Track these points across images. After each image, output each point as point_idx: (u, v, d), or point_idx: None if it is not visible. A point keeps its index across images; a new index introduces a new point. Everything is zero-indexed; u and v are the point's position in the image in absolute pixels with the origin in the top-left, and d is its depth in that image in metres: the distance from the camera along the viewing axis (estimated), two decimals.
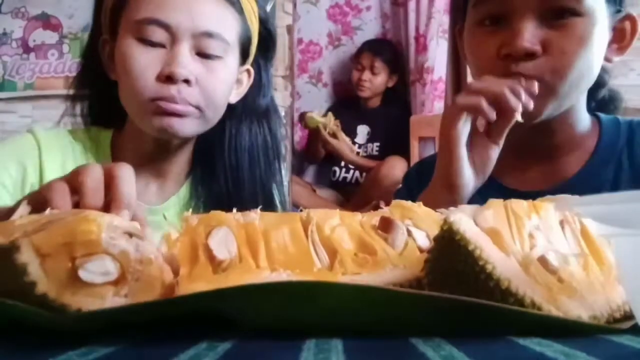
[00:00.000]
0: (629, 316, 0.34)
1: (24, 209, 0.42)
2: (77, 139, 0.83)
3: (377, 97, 2.68)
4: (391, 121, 2.60)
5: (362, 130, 2.69)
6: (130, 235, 0.35)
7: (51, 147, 0.80)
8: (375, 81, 2.62)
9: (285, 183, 0.95)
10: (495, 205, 0.38)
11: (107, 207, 0.46)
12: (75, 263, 0.32)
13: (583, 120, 0.78)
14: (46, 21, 2.85)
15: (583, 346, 0.28)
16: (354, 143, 2.66)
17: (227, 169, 0.84)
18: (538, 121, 0.70)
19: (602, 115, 0.81)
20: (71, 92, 0.86)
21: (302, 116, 2.63)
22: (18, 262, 0.31)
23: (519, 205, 0.38)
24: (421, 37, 2.64)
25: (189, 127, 0.76)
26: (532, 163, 0.79)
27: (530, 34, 0.66)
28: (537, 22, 0.67)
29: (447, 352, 0.27)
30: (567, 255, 0.36)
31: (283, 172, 0.93)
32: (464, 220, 0.35)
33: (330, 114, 2.61)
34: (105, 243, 0.33)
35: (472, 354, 0.27)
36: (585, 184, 0.74)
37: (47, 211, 0.38)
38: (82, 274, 0.32)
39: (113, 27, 0.79)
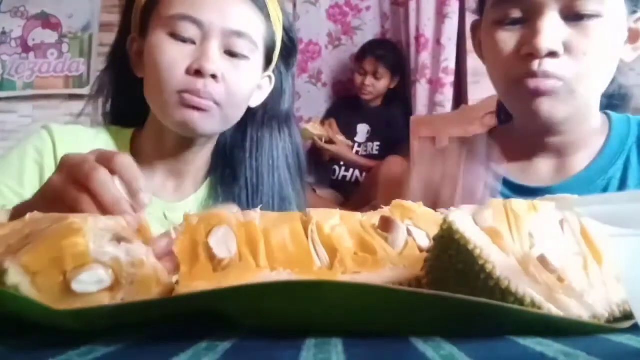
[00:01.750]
0: (629, 316, 0.34)
1: (1, 215, 0.41)
2: (97, 136, 0.84)
3: (378, 98, 2.69)
4: (392, 121, 2.60)
5: (362, 130, 2.69)
6: (119, 240, 0.34)
7: (66, 142, 0.80)
8: (378, 85, 2.63)
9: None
10: (495, 205, 0.38)
11: None
12: (66, 276, 0.31)
13: (595, 118, 0.78)
14: (45, 20, 2.85)
15: (583, 346, 0.28)
16: (354, 142, 2.66)
17: (247, 172, 0.85)
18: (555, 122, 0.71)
19: (612, 113, 0.81)
20: (93, 91, 0.87)
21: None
22: (8, 285, 0.30)
23: (519, 204, 0.38)
24: (421, 37, 2.63)
25: (209, 123, 0.77)
26: (541, 159, 0.79)
27: (552, 34, 0.67)
28: (559, 23, 0.67)
29: (447, 352, 0.27)
30: (567, 255, 0.36)
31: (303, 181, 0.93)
32: (464, 219, 0.35)
33: (318, 124, 2.60)
34: (95, 253, 0.32)
35: (472, 353, 0.27)
36: (593, 180, 0.75)
37: (27, 216, 0.37)
38: (75, 285, 0.31)
39: (143, 25, 0.80)
